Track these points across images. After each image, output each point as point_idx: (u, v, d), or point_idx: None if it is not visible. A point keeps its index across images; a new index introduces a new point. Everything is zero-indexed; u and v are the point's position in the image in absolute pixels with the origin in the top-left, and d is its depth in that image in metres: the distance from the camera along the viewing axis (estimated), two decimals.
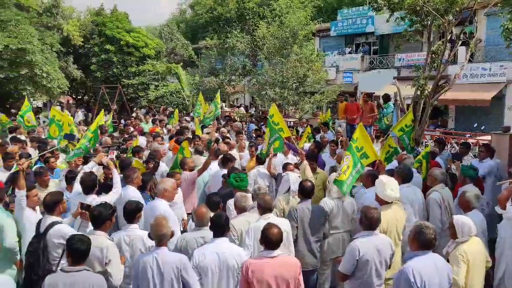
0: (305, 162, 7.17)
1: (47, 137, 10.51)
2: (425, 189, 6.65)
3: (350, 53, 27.56)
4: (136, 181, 6.14)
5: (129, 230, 4.78)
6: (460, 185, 6.87)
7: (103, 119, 9.00)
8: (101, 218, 4.52)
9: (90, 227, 4.72)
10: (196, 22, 36.56)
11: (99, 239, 4.40)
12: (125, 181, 6.11)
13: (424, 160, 7.56)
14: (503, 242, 5.26)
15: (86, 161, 7.55)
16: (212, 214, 4.69)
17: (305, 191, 5.68)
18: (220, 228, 4.46)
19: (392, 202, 5.30)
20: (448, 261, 4.34)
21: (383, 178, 5.41)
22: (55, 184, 6.84)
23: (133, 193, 5.91)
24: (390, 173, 6.46)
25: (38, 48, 18.03)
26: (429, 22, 10.15)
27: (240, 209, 5.34)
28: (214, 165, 7.72)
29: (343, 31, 27.80)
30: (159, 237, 4.14)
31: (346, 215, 5.95)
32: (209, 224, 4.56)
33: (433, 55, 10.31)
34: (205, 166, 7.17)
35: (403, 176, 6.17)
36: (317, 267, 5.75)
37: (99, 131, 8.93)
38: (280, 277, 3.99)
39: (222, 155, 7.84)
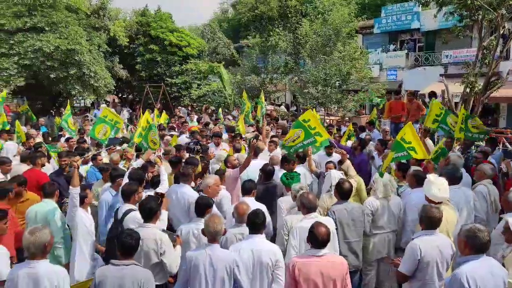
0: (348, 161, 7.14)
1: (89, 135, 10.65)
2: None
3: (394, 50, 26.93)
4: (189, 181, 6.30)
5: (199, 224, 4.90)
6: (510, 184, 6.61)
7: (149, 116, 9.05)
8: (152, 211, 4.70)
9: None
10: (238, 21, 36.79)
11: (152, 231, 4.60)
12: (182, 180, 6.25)
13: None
14: None
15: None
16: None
17: (342, 192, 5.53)
18: (256, 225, 4.45)
19: (441, 202, 5.12)
20: (503, 265, 4.13)
21: (431, 177, 5.23)
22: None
23: (190, 192, 6.02)
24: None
25: (86, 48, 18.62)
26: (480, 17, 9.78)
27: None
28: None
29: (387, 28, 27.19)
30: (212, 234, 4.18)
31: (392, 215, 5.80)
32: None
33: (484, 51, 9.96)
34: (246, 163, 7.19)
35: (450, 177, 5.90)
36: (359, 268, 5.63)
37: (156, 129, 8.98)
38: (327, 276, 3.92)
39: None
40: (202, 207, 4.96)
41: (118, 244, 3.98)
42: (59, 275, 3.95)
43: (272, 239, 5.41)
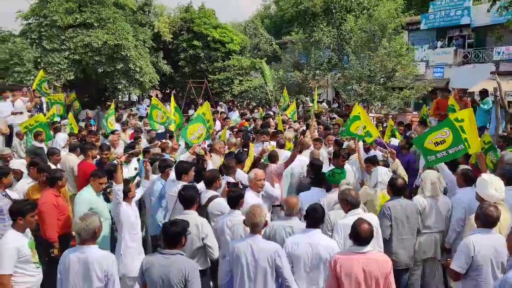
0: (397, 160, 7.02)
1: (148, 119, 10.72)
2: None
3: (441, 47, 26.08)
4: (233, 173, 6.46)
5: (232, 215, 5.01)
6: None
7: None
8: (192, 199, 4.92)
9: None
10: (280, 17, 36.66)
11: (193, 217, 4.77)
12: (225, 171, 6.46)
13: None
14: None
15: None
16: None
17: (396, 188, 5.52)
18: (315, 219, 4.46)
19: (495, 202, 4.90)
20: None
21: (485, 176, 5.02)
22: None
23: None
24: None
25: (132, 44, 19.00)
26: None
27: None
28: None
29: (434, 24, 26.35)
30: (253, 225, 4.23)
31: (440, 215, 5.64)
32: (303, 214, 4.59)
33: None
34: (292, 158, 7.16)
35: (508, 178, 5.60)
36: (410, 266, 5.52)
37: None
38: (369, 274, 3.83)
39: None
40: (235, 199, 5.05)
41: (163, 233, 4.04)
42: (108, 260, 4.08)
43: None
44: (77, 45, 17.61)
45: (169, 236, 3.98)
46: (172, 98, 9.38)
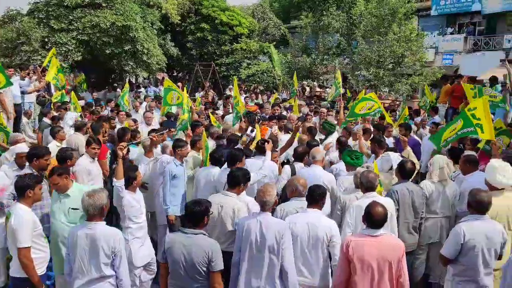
0: (409, 148, 7.06)
1: (162, 104, 10.81)
2: None
3: (451, 33, 25.77)
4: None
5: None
6: None
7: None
8: (238, 180, 4.99)
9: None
10: (290, 1, 36.25)
11: (233, 200, 4.88)
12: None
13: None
14: None
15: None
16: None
17: (404, 171, 5.55)
18: (314, 199, 4.50)
19: (503, 189, 4.90)
20: None
21: (494, 162, 5.02)
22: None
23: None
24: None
25: (140, 25, 18.88)
26: None
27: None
28: None
29: (445, 10, 26.05)
30: (262, 202, 4.28)
31: (446, 200, 5.65)
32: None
33: None
34: (288, 144, 7.29)
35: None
36: (414, 249, 5.57)
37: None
38: (382, 257, 3.81)
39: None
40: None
41: (187, 212, 4.06)
42: (115, 237, 4.11)
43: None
44: (85, 26, 17.52)
45: (192, 215, 4.00)
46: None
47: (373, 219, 3.87)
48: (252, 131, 8.69)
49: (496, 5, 19.82)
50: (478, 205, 4.27)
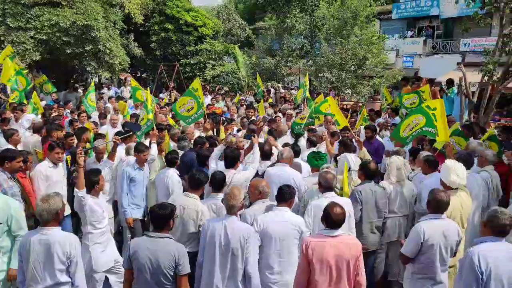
0: (364, 148, 7.18)
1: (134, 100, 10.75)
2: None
3: (411, 36, 26.49)
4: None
5: (215, 199, 5.10)
6: None
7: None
8: (200, 182, 5.11)
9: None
10: (254, 3, 36.36)
11: (195, 202, 4.89)
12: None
13: (493, 143, 7.29)
14: None
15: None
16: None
17: (368, 172, 5.65)
18: (284, 198, 4.57)
19: (457, 188, 5.08)
20: None
21: (449, 162, 5.19)
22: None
23: None
24: None
25: (102, 25, 18.47)
26: (502, 4, 9.59)
27: None
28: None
29: (405, 14, 26.74)
30: (230, 206, 4.32)
31: (404, 200, 5.81)
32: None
33: (504, 39, 9.74)
34: (251, 146, 7.33)
35: (465, 162, 5.82)
36: (378, 248, 5.70)
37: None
38: (340, 257, 3.88)
39: None
40: (220, 183, 5.12)
41: (152, 216, 4.02)
42: (71, 242, 4.00)
43: None
44: (44, 24, 17.01)
45: (157, 219, 3.96)
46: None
47: (332, 219, 3.92)
48: (238, 130, 8.72)
49: (453, 10, 20.47)
50: (437, 205, 4.40)
